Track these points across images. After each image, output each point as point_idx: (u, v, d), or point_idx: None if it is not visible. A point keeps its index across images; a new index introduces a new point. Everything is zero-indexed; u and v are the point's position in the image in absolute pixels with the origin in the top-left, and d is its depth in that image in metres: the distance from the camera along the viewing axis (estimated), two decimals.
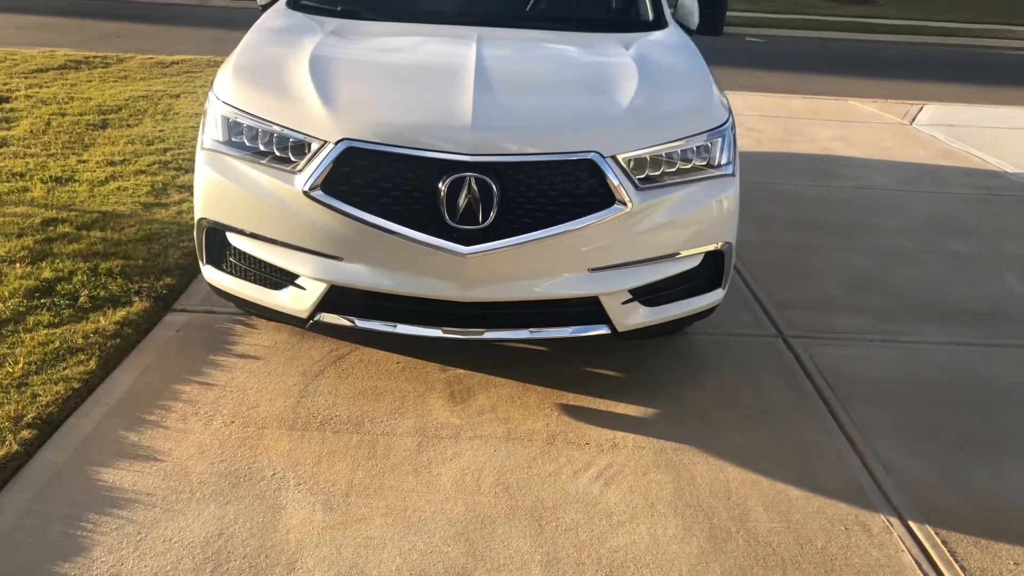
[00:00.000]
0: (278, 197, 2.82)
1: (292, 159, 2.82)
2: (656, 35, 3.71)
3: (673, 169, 2.91)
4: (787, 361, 3.51)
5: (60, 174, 5.06)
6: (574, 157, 2.75)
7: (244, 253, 2.99)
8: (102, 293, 3.62)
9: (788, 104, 8.50)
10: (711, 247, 3.03)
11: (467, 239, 2.71)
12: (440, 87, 2.97)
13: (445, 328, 2.89)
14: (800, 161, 6.43)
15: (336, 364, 3.31)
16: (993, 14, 19.64)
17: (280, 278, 2.95)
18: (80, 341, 3.23)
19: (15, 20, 12.11)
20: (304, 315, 2.93)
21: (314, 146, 2.78)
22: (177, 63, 9.01)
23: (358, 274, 2.82)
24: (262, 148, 2.87)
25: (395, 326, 2.90)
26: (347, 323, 2.93)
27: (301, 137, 2.80)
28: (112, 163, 5.34)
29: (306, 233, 2.82)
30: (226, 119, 2.94)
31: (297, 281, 2.91)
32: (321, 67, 3.03)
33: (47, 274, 3.72)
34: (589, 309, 2.90)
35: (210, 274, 3.12)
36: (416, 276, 2.79)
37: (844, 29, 16.60)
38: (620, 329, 2.94)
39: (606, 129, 2.84)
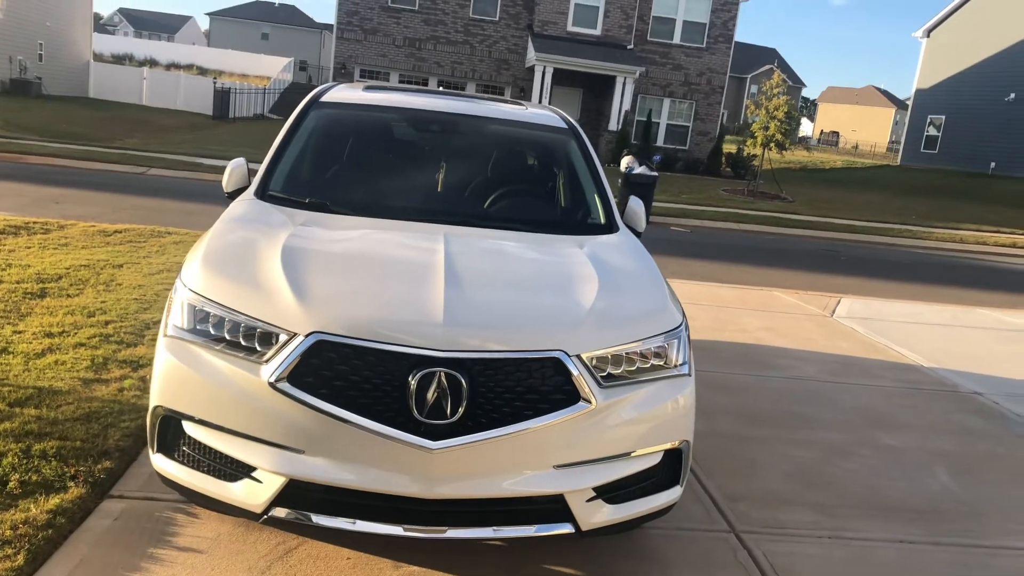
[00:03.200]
0: (241, 387, 2.80)
1: (258, 349, 2.82)
2: (609, 238, 3.94)
3: (633, 368, 3.01)
4: (742, 559, 3.51)
5: None
6: (542, 355, 2.83)
7: (199, 443, 2.92)
8: (35, 477, 3.44)
9: (717, 293, 8.95)
10: (670, 444, 3.10)
11: (435, 434, 2.72)
12: (411, 283, 3.06)
13: (407, 526, 2.82)
14: (734, 350, 6.70)
15: (284, 559, 3.16)
16: (892, 214, 21.43)
17: (235, 470, 2.87)
18: (8, 532, 3.02)
19: None
20: (259, 509, 2.83)
21: (282, 337, 2.80)
22: (120, 232, 9.02)
23: (319, 468, 2.76)
24: (227, 337, 2.87)
25: (354, 523, 2.83)
26: (302, 519, 2.83)
27: (270, 328, 2.82)
28: (50, 335, 5.21)
29: (268, 424, 2.78)
30: (192, 307, 2.95)
31: (254, 474, 2.83)
32: (292, 259, 3.11)
33: None
34: (553, 507, 2.89)
35: (160, 463, 3.01)
36: (379, 471, 2.75)
37: (759, 222, 17.81)
38: (584, 528, 2.92)
39: (571, 329, 2.95)
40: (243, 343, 2.84)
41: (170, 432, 2.96)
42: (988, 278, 13.60)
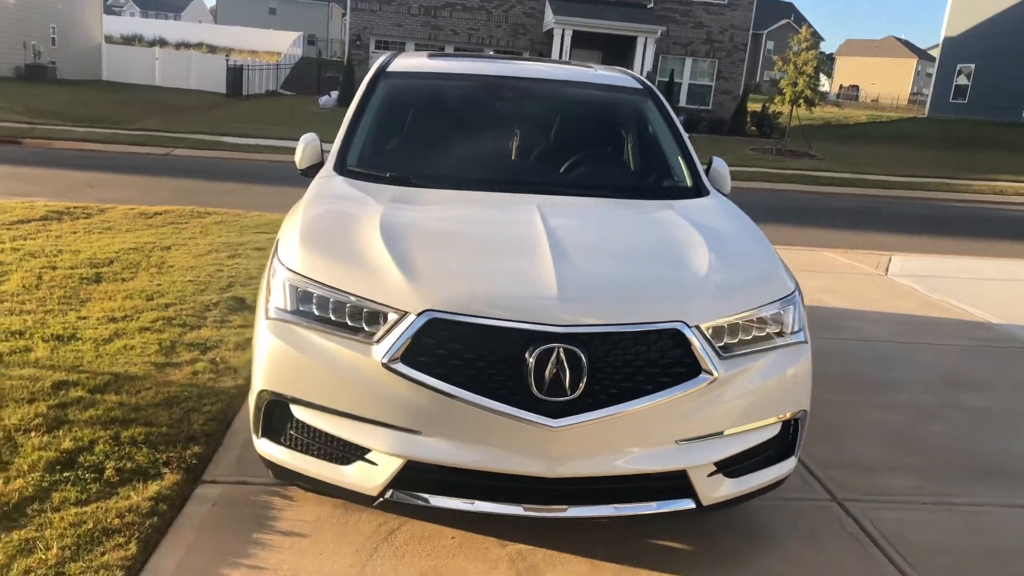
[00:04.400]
0: (353, 368, 2.71)
1: (367, 329, 2.73)
2: (701, 201, 3.80)
3: (750, 337, 2.90)
4: (850, 528, 3.41)
5: (61, 332, 4.85)
6: (661, 327, 2.72)
7: (308, 426, 2.84)
8: (128, 464, 3.39)
9: None
10: (788, 414, 3.00)
11: (554, 412, 2.62)
12: (516, 256, 2.95)
13: (526, 505, 2.74)
14: None
15: (388, 540, 3.10)
16: (925, 168, 21.04)
17: (348, 453, 2.80)
18: (115, 521, 2.98)
19: None
20: (374, 492, 2.76)
21: (392, 317, 2.70)
22: (160, 214, 8.95)
23: (437, 448, 2.68)
24: (333, 318, 2.78)
25: (473, 503, 2.75)
26: (420, 501, 2.76)
27: (379, 307, 2.72)
28: (113, 319, 5.16)
29: (383, 405, 2.70)
30: (295, 288, 2.86)
31: (368, 456, 2.76)
32: (393, 235, 3.00)
33: (67, 444, 3.48)
34: (675, 483, 2.80)
35: (265, 448, 2.94)
36: (499, 450, 2.66)
37: (793, 180, 17.53)
38: (705, 503, 2.83)
39: (689, 299, 2.83)
40: (350, 323, 2.75)
41: (276, 416, 2.89)
42: None
